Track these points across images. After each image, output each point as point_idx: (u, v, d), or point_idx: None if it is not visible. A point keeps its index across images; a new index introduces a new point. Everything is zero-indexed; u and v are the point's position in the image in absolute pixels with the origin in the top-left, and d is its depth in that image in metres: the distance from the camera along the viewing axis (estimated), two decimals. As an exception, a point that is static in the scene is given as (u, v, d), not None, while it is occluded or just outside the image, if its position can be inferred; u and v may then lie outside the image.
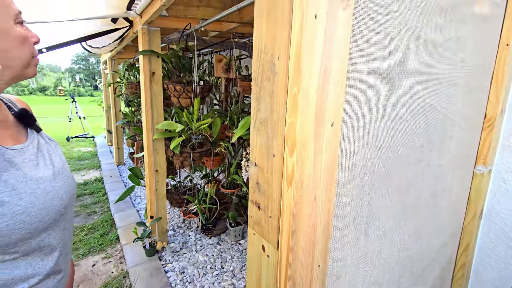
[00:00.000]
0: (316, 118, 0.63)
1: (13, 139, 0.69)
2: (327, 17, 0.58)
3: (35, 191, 0.65)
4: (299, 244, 0.68)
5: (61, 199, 0.71)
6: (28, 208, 0.63)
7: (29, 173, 0.66)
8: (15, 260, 0.64)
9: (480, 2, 1.06)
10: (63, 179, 0.74)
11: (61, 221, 0.73)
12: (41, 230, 0.66)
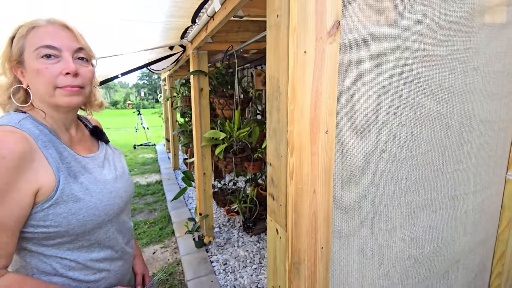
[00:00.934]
0: (311, 127, 0.81)
1: (88, 149, 0.92)
2: (315, 52, 0.77)
3: (102, 191, 0.83)
4: (302, 227, 0.86)
5: (121, 198, 0.91)
6: (97, 204, 0.80)
7: (98, 176, 0.86)
8: (91, 246, 0.84)
9: (493, 12, 1.11)
10: (123, 182, 0.94)
11: (121, 215, 0.94)
12: (107, 222, 0.86)
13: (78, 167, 0.82)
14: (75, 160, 0.82)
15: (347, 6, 0.84)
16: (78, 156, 0.84)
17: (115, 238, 0.91)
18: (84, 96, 0.84)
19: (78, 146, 0.89)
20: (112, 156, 1.00)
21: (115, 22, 1.48)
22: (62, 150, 0.80)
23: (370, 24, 0.88)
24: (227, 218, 3.13)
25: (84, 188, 0.79)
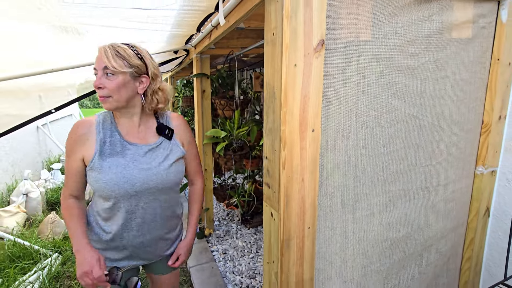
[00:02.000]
0: (300, 127, 0.98)
1: (140, 139, 1.10)
2: (304, 65, 0.94)
3: (116, 174, 1.04)
4: (292, 210, 1.03)
5: (132, 185, 1.05)
6: (109, 180, 1.03)
7: (125, 162, 1.05)
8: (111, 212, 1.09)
9: (460, 29, 1.28)
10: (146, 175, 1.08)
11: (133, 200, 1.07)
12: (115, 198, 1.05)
13: (118, 149, 1.07)
14: (120, 143, 1.08)
15: (331, 27, 1.01)
16: (125, 142, 1.09)
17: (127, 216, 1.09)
18: (116, 101, 1.03)
19: (133, 135, 1.12)
20: (159, 152, 1.13)
21: (129, 31, 1.65)
22: (113, 134, 1.09)
23: (350, 40, 1.05)
24: (226, 212, 3.30)
25: (107, 166, 1.05)
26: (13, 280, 2.07)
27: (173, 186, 1.18)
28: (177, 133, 1.21)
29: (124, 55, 1.02)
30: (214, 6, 1.38)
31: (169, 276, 1.31)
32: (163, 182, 1.11)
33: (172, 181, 1.16)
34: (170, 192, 1.19)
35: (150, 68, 1.08)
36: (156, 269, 1.29)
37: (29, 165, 4.60)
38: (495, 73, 1.40)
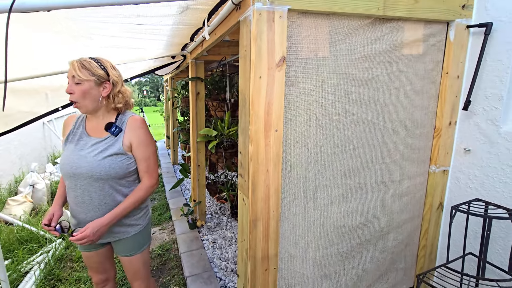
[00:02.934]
0: (265, 127, 1.20)
1: (95, 133, 1.32)
2: (268, 77, 1.16)
3: (66, 157, 1.29)
4: (258, 195, 1.25)
5: (70, 168, 1.26)
6: (60, 160, 1.31)
7: (73, 149, 1.29)
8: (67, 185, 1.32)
9: (411, 46, 1.50)
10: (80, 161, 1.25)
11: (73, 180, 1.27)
12: (64, 175, 1.30)
13: (76, 138, 1.34)
14: (80, 134, 1.35)
15: (293, 45, 1.23)
16: (84, 134, 1.35)
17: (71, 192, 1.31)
18: (85, 106, 1.28)
19: (94, 129, 1.36)
20: (102, 144, 1.29)
21: (130, 39, 1.88)
22: (80, 126, 1.37)
23: (310, 56, 1.27)
24: (218, 206, 3.52)
25: (65, 150, 1.34)
26: (21, 260, 2.31)
27: (108, 177, 1.28)
28: (126, 133, 1.32)
29: (88, 66, 1.25)
30: (202, 22, 1.60)
31: (129, 259, 1.42)
32: (92, 170, 1.25)
33: (103, 172, 1.26)
34: (107, 182, 1.29)
35: (111, 76, 1.31)
36: (117, 250, 1.45)
37: (36, 159, 4.85)
38: (445, 85, 1.61)
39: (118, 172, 1.30)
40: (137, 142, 1.33)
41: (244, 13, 1.18)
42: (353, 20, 1.31)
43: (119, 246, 1.43)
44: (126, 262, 1.44)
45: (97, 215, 1.29)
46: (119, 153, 1.30)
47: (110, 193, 1.31)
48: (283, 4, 1.12)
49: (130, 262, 1.43)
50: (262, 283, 1.35)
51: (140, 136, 1.34)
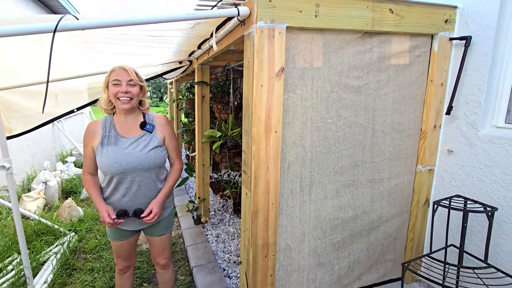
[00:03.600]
0: (265, 129, 1.36)
1: (128, 133, 1.50)
2: (268, 85, 1.32)
3: (109, 157, 1.44)
4: (259, 190, 1.41)
5: (120, 165, 1.44)
6: (105, 162, 1.43)
7: (116, 149, 1.46)
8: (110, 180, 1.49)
9: (398, 57, 1.66)
10: (129, 158, 1.46)
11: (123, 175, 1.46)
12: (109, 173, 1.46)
13: (112, 140, 1.48)
14: (115, 136, 1.49)
15: (291, 57, 1.40)
16: (118, 135, 1.50)
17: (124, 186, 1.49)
18: (134, 102, 1.46)
19: (124, 130, 1.52)
20: (140, 142, 1.51)
21: (143, 47, 2.05)
22: (111, 130, 1.50)
23: (306, 67, 1.44)
24: (221, 204, 3.68)
25: (105, 152, 1.46)
26: (39, 251, 2.48)
27: (153, 167, 1.52)
28: (158, 129, 1.56)
29: (138, 74, 1.49)
30: (210, 34, 1.77)
31: (159, 239, 1.65)
32: (142, 163, 1.48)
33: (151, 163, 1.50)
34: (154, 171, 1.53)
35: (143, 84, 1.55)
36: (149, 232, 1.66)
37: (46, 158, 5.04)
38: (430, 91, 1.76)
39: (160, 162, 1.54)
40: (168, 135, 1.59)
41: (248, 29, 1.34)
42: (344, 34, 1.48)
43: (154, 228, 1.63)
44: (158, 241, 1.66)
45: (144, 201, 1.52)
46: (159, 146, 1.54)
47: (154, 180, 1.55)
48: (282, 22, 1.29)
49: (161, 241, 1.66)
50: (262, 268, 1.51)
51: (169, 130, 1.61)
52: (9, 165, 1.90)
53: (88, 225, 3.15)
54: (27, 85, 2.42)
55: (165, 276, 1.75)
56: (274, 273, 1.56)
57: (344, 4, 1.38)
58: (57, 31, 1.00)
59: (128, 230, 1.59)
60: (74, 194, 4.06)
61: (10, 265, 2.32)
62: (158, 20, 1.17)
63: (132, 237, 1.64)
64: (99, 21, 1.08)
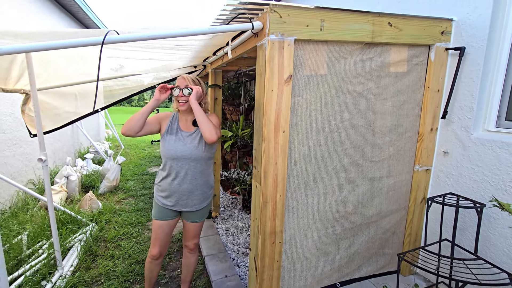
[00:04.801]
0: (275, 128, 1.54)
1: (186, 128, 1.78)
2: (278, 90, 1.50)
3: (170, 144, 1.71)
4: (268, 182, 1.59)
5: (175, 152, 1.72)
6: (166, 147, 1.72)
7: (175, 139, 1.73)
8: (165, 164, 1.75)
9: (397, 65, 1.82)
10: (183, 148, 1.73)
11: (176, 161, 1.72)
12: (166, 158, 1.73)
13: (174, 131, 1.78)
14: (176, 129, 1.79)
15: (298, 65, 1.57)
16: (178, 128, 1.80)
17: (172, 170, 1.75)
18: (187, 106, 1.74)
19: (184, 125, 1.81)
20: (194, 136, 1.78)
21: (164, 54, 2.26)
22: (175, 123, 1.81)
23: (311, 74, 1.61)
24: (231, 201, 3.86)
25: (168, 139, 1.77)
26: (65, 238, 2.71)
27: (201, 159, 1.76)
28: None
29: (195, 80, 1.80)
30: (226, 43, 1.97)
31: (193, 225, 1.87)
32: (191, 154, 1.74)
33: (198, 155, 1.75)
34: (200, 162, 1.77)
35: (204, 89, 1.81)
36: (186, 217, 1.87)
37: (66, 154, 5.34)
38: (427, 97, 1.91)
39: (206, 155, 1.78)
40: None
41: (261, 41, 1.53)
42: (347, 45, 1.65)
43: (194, 214, 1.85)
44: (192, 226, 1.88)
45: (189, 187, 1.77)
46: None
47: (200, 170, 1.78)
48: (291, 35, 1.47)
49: (195, 227, 1.89)
50: (270, 253, 1.69)
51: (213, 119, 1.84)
52: (45, 158, 2.13)
53: (107, 217, 3.38)
54: (57, 87, 2.67)
55: (190, 259, 1.97)
56: (280, 259, 1.73)
57: (347, 19, 1.56)
58: (104, 43, 1.21)
59: (171, 211, 1.80)
60: (93, 188, 4.32)
61: (40, 249, 2.55)
62: (186, 34, 1.36)
63: (172, 220, 1.84)
64: (136, 35, 1.28)
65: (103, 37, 1.20)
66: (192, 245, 1.93)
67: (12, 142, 3.62)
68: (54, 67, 2.49)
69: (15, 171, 3.63)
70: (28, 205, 3.51)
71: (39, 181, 4.17)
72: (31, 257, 2.49)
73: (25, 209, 3.43)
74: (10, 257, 2.38)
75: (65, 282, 2.17)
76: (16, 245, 2.57)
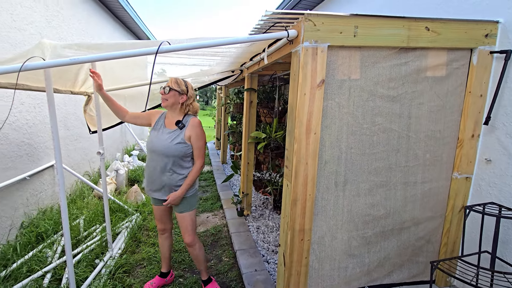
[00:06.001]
0: (306, 130, 1.63)
1: (170, 126, 1.95)
2: (310, 94, 1.59)
3: (151, 138, 1.94)
4: (298, 181, 1.67)
5: (152, 146, 1.91)
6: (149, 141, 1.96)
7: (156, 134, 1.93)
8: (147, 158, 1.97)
9: (434, 70, 1.79)
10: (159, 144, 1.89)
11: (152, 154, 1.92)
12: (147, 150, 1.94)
13: (158, 127, 1.99)
14: (161, 125, 1.99)
15: (331, 70, 1.64)
16: (163, 125, 1.99)
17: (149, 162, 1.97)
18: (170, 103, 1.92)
19: (169, 123, 1.98)
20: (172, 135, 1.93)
21: (206, 61, 2.46)
22: (161, 120, 2.01)
23: (344, 79, 1.67)
24: (262, 201, 3.98)
25: (151, 134, 2.00)
26: (114, 224, 3.06)
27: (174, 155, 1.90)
28: (187, 129, 1.94)
29: (178, 83, 1.94)
30: (262, 49, 2.10)
31: (181, 215, 2.01)
32: (165, 150, 1.90)
33: (172, 153, 1.89)
34: (170, 159, 1.90)
35: (189, 92, 1.97)
36: (174, 208, 2.06)
37: (116, 150, 5.92)
38: (468, 102, 1.85)
39: (179, 154, 1.92)
40: (194, 135, 1.95)
41: (296, 48, 1.63)
42: (381, 50, 1.68)
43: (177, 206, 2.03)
44: (180, 217, 2.04)
45: (156, 180, 1.96)
46: (182, 142, 1.93)
47: (169, 168, 1.94)
48: (324, 42, 1.55)
49: (183, 218, 2.03)
50: (298, 250, 1.76)
51: (196, 131, 1.97)
52: (103, 151, 2.44)
53: (149, 208, 3.70)
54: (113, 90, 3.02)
55: (193, 253, 2.12)
56: (308, 256, 1.79)
57: (381, 25, 1.59)
58: (158, 53, 1.40)
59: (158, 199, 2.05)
60: (137, 182, 4.74)
61: (94, 232, 2.90)
62: (228, 42, 1.51)
63: (158, 206, 2.10)
64: (185, 45, 1.46)
65: (157, 47, 1.39)
66: (186, 239, 2.06)
67: (74, 138, 4.14)
68: (112, 73, 2.83)
69: (75, 163, 4.13)
70: (84, 193, 3.98)
71: (93, 173, 4.68)
72: (87, 238, 2.84)
73: (81, 197, 3.89)
74: (71, 237, 2.75)
75: (114, 262, 2.45)
76: (75, 227, 2.95)
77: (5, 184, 2.56)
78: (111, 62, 2.48)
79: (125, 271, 2.42)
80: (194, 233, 2.08)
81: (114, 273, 2.35)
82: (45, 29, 3.38)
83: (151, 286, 2.19)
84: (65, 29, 3.87)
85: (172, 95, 1.92)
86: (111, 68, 2.72)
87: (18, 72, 1.29)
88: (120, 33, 6.17)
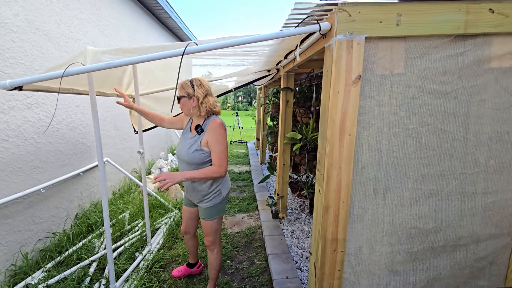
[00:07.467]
0: (340, 131, 1.48)
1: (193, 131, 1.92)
2: (344, 91, 1.44)
3: (179, 145, 1.91)
4: (330, 187, 1.54)
5: (178, 152, 1.89)
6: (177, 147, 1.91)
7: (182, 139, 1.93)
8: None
9: (501, 59, 1.50)
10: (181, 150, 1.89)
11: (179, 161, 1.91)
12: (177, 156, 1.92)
13: (185, 132, 2.00)
14: (187, 130, 1.99)
15: (369, 65, 1.47)
16: (188, 130, 1.98)
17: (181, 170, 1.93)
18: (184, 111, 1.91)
19: (193, 127, 1.95)
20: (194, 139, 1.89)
21: (240, 61, 2.44)
22: (188, 125, 2.01)
23: (385, 74, 1.48)
24: (298, 204, 3.84)
25: (180, 139, 2.02)
26: (154, 220, 3.23)
27: (193, 163, 1.83)
28: (206, 133, 1.84)
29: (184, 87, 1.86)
30: (295, 46, 1.99)
31: (203, 221, 2.00)
32: (185, 157, 1.87)
33: (191, 160, 1.83)
34: (190, 166, 1.86)
35: (196, 92, 1.84)
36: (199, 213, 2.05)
37: (161, 149, 6.31)
38: (547, 97, 1.51)
39: (196, 161, 1.85)
40: (212, 140, 1.83)
41: (329, 42, 1.50)
42: (430, 40, 1.45)
43: (200, 209, 2.05)
44: (203, 222, 2.04)
45: (190, 185, 1.96)
46: (198, 149, 1.85)
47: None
48: (361, 33, 1.39)
49: (204, 223, 2.02)
50: (330, 261, 1.62)
51: (214, 135, 1.83)
52: (143, 151, 2.57)
53: (187, 206, 3.83)
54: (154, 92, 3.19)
55: (209, 257, 2.10)
56: (342, 269, 1.64)
57: (430, 10, 1.38)
58: (184, 54, 1.40)
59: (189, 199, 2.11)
60: (178, 180, 4.97)
61: (136, 226, 3.09)
62: (256, 40, 1.45)
63: (192, 208, 2.13)
64: (212, 45, 1.43)
65: (183, 49, 1.39)
66: (206, 242, 2.06)
67: (122, 137, 4.49)
68: (153, 76, 2.98)
69: (123, 161, 4.48)
70: (131, 189, 4.28)
71: (140, 171, 5.03)
72: (130, 231, 3.03)
73: (128, 192, 4.19)
74: (116, 229, 2.96)
75: (151, 256, 2.56)
76: (121, 220, 3.17)
77: (62, 179, 2.86)
78: (149, 65, 2.60)
79: (161, 266, 2.51)
80: (215, 238, 2.06)
81: (151, 267, 2.46)
82: (98, 38, 3.71)
83: (178, 273, 2.30)
84: (114, 37, 4.21)
85: (183, 103, 1.87)
86: (151, 71, 2.86)
87: (61, 78, 1.40)
88: (165, 38, 6.55)
